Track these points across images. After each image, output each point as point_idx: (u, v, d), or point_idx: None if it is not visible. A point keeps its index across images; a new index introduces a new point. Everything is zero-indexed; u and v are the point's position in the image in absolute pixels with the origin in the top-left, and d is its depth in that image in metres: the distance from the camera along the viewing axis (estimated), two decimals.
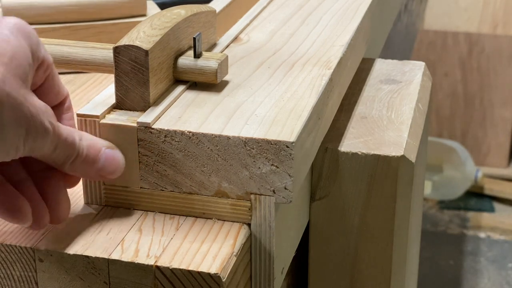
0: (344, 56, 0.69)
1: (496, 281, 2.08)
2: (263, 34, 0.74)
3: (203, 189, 0.56)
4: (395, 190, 0.69)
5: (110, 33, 0.86)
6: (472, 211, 2.39)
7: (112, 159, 0.55)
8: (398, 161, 0.68)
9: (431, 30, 2.52)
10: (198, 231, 0.56)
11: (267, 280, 0.58)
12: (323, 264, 0.73)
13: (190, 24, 0.63)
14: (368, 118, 0.75)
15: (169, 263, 0.52)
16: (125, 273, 0.52)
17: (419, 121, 0.77)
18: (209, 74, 0.61)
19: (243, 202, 0.56)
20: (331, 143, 0.70)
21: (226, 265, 0.52)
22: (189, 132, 0.55)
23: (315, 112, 0.60)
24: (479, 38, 2.49)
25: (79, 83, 0.82)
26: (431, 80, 0.87)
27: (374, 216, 0.70)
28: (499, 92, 2.51)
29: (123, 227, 0.56)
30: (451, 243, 2.24)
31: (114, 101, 0.58)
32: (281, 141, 0.54)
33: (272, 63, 0.67)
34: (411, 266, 0.82)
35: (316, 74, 0.65)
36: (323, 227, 0.72)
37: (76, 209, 0.58)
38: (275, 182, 0.55)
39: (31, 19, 0.85)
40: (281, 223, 0.60)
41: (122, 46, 0.56)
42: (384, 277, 0.72)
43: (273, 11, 0.80)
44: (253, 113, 0.58)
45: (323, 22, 0.77)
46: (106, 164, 0.55)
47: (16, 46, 0.49)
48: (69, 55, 0.64)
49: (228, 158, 0.55)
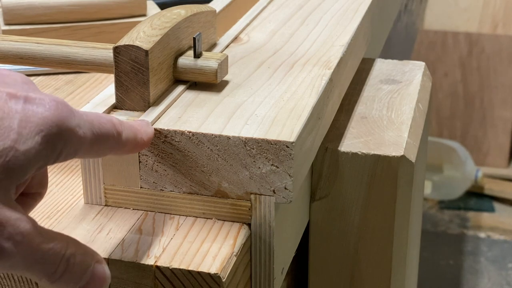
0: (344, 56, 0.69)
1: (496, 281, 2.08)
2: (263, 34, 0.74)
3: (203, 189, 0.56)
4: (395, 190, 0.69)
5: (110, 33, 0.86)
6: (472, 211, 2.39)
7: (100, 278, 0.47)
8: (398, 161, 0.68)
9: (431, 30, 2.52)
10: (198, 231, 0.56)
11: (267, 280, 0.58)
12: (323, 264, 0.73)
13: (190, 24, 0.63)
14: (368, 118, 0.75)
15: (169, 263, 0.52)
16: (125, 273, 0.52)
17: (419, 121, 0.77)
18: (209, 74, 0.61)
19: (243, 202, 0.56)
20: (331, 143, 0.70)
21: (226, 265, 0.52)
22: (189, 132, 0.55)
23: (315, 112, 0.60)
24: (479, 38, 2.49)
25: (79, 83, 0.82)
26: (431, 80, 0.87)
27: (374, 216, 0.70)
28: (499, 92, 2.51)
29: (123, 227, 0.56)
30: (451, 243, 2.24)
31: (114, 101, 0.58)
32: (281, 141, 0.54)
33: (272, 63, 0.67)
34: (411, 266, 0.82)
35: (316, 74, 0.65)
36: (323, 227, 0.72)
37: (76, 209, 0.58)
38: (275, 182, 0.55)
39: (31, 19, 0.85)
40: (281, 223, 0.60)
41: (122, 46, 0.56)
42: (384, 277, 0.72)
43: (273, 11, 0.80)
44: (253, 113, 0.58)
45: (323, 22, 0.77)
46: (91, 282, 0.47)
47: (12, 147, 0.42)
48: (69, 55, 0.64)
49: (228, 158, 0.55)
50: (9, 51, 0.65)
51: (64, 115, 0.44)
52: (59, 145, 0.44)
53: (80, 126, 0.45)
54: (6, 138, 0.42)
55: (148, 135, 0.54)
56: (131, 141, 0.51)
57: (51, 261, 0.44)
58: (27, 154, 0.42)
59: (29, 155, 0.42)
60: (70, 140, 0.44)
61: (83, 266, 0.46)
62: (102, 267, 0.47)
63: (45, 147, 0.43)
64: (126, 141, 0.50)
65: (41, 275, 0.44)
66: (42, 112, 0.43)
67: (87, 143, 0.46)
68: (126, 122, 0.51)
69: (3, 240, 0.42)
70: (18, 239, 0.42)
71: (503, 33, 2.47)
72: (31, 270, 0.43)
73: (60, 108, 0.44)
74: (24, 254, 0.43)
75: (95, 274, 0.46)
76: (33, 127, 0.43)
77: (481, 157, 2.57)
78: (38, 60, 0.65)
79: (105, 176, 0.58)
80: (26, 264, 0.43)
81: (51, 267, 0.44)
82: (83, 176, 0.58)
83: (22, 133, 0.42)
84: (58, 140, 0.44)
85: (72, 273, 0.45)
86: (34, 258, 0.43)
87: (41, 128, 0.43)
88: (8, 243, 0.42)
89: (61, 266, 0.44)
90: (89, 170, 0.58)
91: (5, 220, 0.42)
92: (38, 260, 0.43)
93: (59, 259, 0.44)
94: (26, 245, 0.42)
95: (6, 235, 0.42)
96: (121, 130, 0.49)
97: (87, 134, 0.46)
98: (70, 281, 0.45)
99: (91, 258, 0.46)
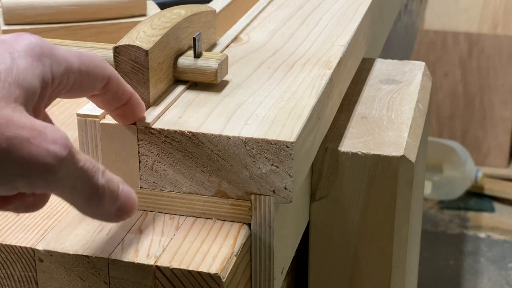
0: (344, 56, 0.69)
1: (496, 281, 2.08)
2: (263, 34, 0.74)
3: (203, 189, 0.56)
4: (395, 190, 0.69)
5: (110, 33, 0.86)
6: (472, 211, 2.39)
7: (129, 197, 0.48)
8: (398, 161, 0.68)
9: (431, 30, 2.52)
10: (198, 231, 0.56)
11: (267, 280, 0.58)
12: (323, 264, 0.73)
13: (190, 24, 0.63)
14: (368, 118, 0.75)
15: (169, 263, 0.52)
16: (125, 273, 0.52)
17: (419, 121, 0.77)
18: (209, 74, 0.61)
19: (243, 202, 0.56)
20: (331, 143, 0.70)
21: (226, 265, 0.52)
22: (189, 132, 0.55)
23: (315, 112, 0.60)
24: (479, 38, 2.49)
25: None
26: (431, 80, 0.87)
27: (374, 216, 0.70)
28: (499, 92, 2.51)
29: (123, 227, 0.56)
30: (451, 243, 2.24)
31: None
32: (281, 141, 0.54)
33: (272, 63, 0.67)
34: (411, 266, 0.82)
35: (316, 74, 0.65)
36: (323, 227, 0.72)
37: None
38: (275, 182, 0.55)
39: (31, 19, 0.85)
40: (281, 223, 0.60)
41: (122, 46, 0.56)
42: (384, 277, 0.72)
43: (273, 11, 0.80)
44: (253, 113, 0.58)
45: (323, 22, 0.77)
46: (124, 202, 0.48)
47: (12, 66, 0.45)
48: None
49: (228, 158, 0.55)
50: None
51: (41, 40, 0.47)
52: (47, 61, 0.46)
53: (59, 48, 0.48)
54: (4, 61, 0.44)
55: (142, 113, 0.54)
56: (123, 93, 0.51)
57: (93, 173, 0.45)
58: (26, 71, 0.45)
59: (29, 72, 0.45)
60: (54, 54, 0.47)
61: (115, 183, 0.46)
62: (126, 187, 0.47)
63: (37, 65, 0.45)
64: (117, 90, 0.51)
65: (88, 191, 0.44)
66: (23, 41, 0.46)
67: (73, 63, 0.47)
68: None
69: (50, 144, 0.42)
70: (63, 142, 0.43)
71: (503, 33, 2.47)
72: (79, 183, 0.44)
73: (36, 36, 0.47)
74: (71, 160, 0.43)
75: (125, 193, 0.47)
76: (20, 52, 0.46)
77: (481, 157, 2.57)
78: None
79: None
80: (74, 174, 0.43)
81: (94, 180, 0.45)
82: None
83: (14, 57, 0.45)
84: (44, 56, 0.46)
85: (110, 188, 0.46)
86: (79, 167, 0.44)
87: (27, 51, 0.46)
88: (56, 147, 0.42)
89: (102, 180, 0.45)
90: None
91: (43, 127, 0.43)
92: (82, 171, 0.44)
93: (97, 171, 0.45)
94: (70, 149, 0.43)
95: (50, 140, 0.42)
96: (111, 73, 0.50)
97: (72, 55, 0.48)
98: (111, 199, 0.46)
99: (116, 177, 0.47)
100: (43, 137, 0.42)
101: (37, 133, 0.42)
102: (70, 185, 0.44)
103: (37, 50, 0.46)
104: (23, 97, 0.44)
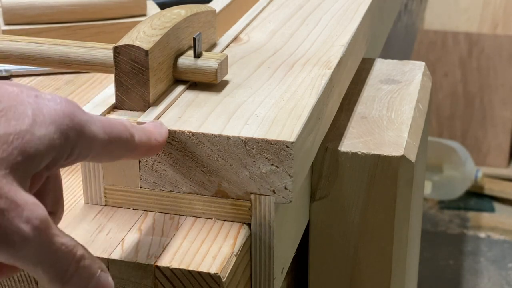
0: (344, 56, 0.69)
1: (496, 281, 2.08)
2: (263, 34, 0.74)
3: (203, 189, 0.56)
4: (395, 190, 0.69)
5: (110, 33, 0.86)
6: (472, 211, 2.39)
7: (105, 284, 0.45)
8: (398, 161, 0.68)
9: (431, 30, 2.52)
10: (198, 231, 0.56)
11: (267, 280, 0.58)
12: (323, 264, 0.73)
13: (190, 24, 0.63)
14: (368, 118, 0.75)
15: (169, 263, 0.52)
16: (125, 273, 0.52)
17: (419, 121, 0.77)
18: (209, 74, 0.61)
19: (243, 202, 0.56)
20: (331, 143, 0.70)
21: (226, 265, 0.52)
22: (189, 132, 0.55)
23: (315, 112, 0.60)
24: (479, 38, 2.49)
25: (79, 83, 0.82)
26: (431, 80, 0.87)
27: (374, 216, 0.70)
28: (499, 92, 2.51)
29: (123, 227, 0.56)
30: (451, 243, 2.24)
31: (114, 101, 0.58)
32: (281, 141, 0.54)
33: (272, 63, 0.67)
34: (411, 266, 0.82)
35: (316, 74, 0.65)
36: (323, 227, 0.72)
37: (76, 209, 0.58)
38: (275, 182, 0.55)
39: (31, 19, 0.85)
40: (281, 223, 0.60)
41: (122, 46, 0.56)
42: (384, 277, 0.72)
43: (273, 11, 0.80)
44: (253, 113, 0.58)
45: (323, 22, 0.77)
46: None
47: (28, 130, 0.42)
48: (69, 55, 0.64)
49: (228, 158, 0.55)
50: (9, 51, 0.65)
51: (75, 110, 0.44)
52: (72, 137, 0.44)
53: (91, 123, 0.45)
54: (22, 122, 0.42)
55: (163, 136, 0.53)
56: (145, 143, 0.51)
57: (63, 259, 0.42)
58: (42, 139, 0.42)
59: (44, 141, 0.42)
60: (83, 133, 0.44)
61: (90, 272, 0.44)
62: (106, 276, 0.45)
63: (58, 137, 0.43)
64: (140, 143, 0.50)
65: (52, 274, 0.42)
66: (54, 106, 0.43)
67: (99, 141, 0.46)
68: (138, 125, 0.51)
69: (21, 222, 0.40)
70: (36, 224, 0.41)
71: (503, 33, 2.47)
72: (43, 265, 0.42)
73: (71, 104, 0.44)
74: (39, 243, 0.41)
75: (101, 282, 0.45)
76: (46, 117, 0.43)
77: (481, 157, 2.57)
78: (38, 60, 0.65)
79: (105, 176, 0.58)
80: (39, 256, 0.41)
81: (62, 265, 0.42)
82: (83, 176, 0.58)
83: (36, 120, 0.42)
84: (71, 131, 0.43)
85: (81, 277, 0.44)
86: (48, 251, 0.42)
87: (54, 119, 0.43)
88: (26, 226, 0.40)
89: (72, 266, 0.43)
90: (89, 170, 0.58)
91: (23, 203, 0.41)
92: (51, 255, 0.42)
93: (71, 257, 0.43)
94: (42, 232, 0.41)
95: (24, 218, 0.40)
96: (133, 132, 0.49)
97: (99, 132, 0.46)
98: (78, 286, 0.43)
99: (98, 265, 0.45)
100: (19, 213, 0.40)
101: (14, 207, 0.40)
102: (33, 263, 0.42)
103: (66, 122, 0.43)
104: (24, 164, 0.41)
